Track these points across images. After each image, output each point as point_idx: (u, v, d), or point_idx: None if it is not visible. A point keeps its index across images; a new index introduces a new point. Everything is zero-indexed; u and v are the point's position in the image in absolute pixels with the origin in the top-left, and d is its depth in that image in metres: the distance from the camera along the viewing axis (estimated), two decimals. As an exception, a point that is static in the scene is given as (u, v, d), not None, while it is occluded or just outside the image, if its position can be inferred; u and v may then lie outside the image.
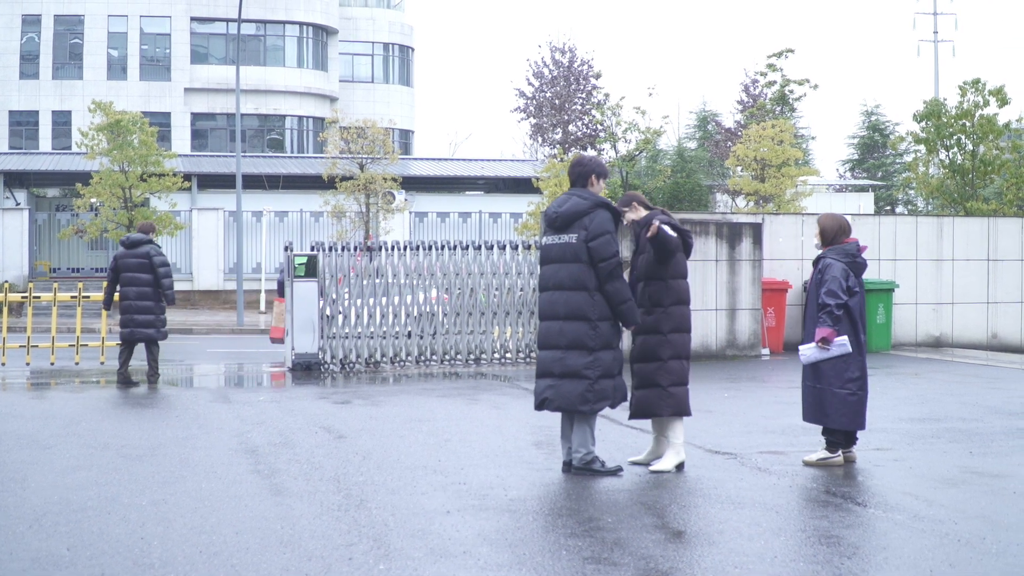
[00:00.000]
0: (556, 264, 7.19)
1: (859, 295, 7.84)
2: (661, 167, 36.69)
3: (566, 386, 7.09)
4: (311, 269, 14.87)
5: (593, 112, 40.58)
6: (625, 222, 7.67)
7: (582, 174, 7.32)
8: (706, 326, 16.27)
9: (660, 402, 7.45)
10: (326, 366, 15.01)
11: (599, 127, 40.43)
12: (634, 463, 7.70)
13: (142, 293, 13.12)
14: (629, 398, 7.55)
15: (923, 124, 25.77)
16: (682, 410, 7.51)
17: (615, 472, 7.29)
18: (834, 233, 7.95)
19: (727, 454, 8.15)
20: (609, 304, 7.07)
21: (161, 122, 46.36)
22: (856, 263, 7.88)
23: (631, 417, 7.65)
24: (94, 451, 8.38)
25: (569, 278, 7.09)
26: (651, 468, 7.47)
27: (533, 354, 15.65)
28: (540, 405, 7.23)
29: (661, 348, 7.43)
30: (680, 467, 7.49)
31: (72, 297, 15.51)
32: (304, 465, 7.76)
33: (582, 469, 7.27)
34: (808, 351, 7.75)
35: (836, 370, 7.74)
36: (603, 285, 7.06)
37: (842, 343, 7.67)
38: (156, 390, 12.79)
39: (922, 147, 26.48)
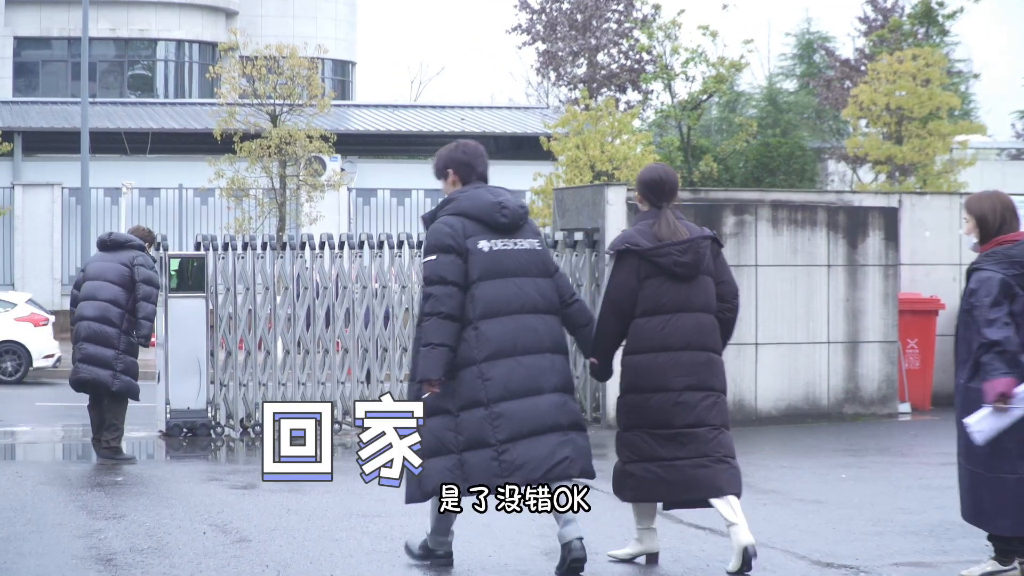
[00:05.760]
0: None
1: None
2: (743, 119, 36.83)
3: (582, 440, 7.88)
4: (195, 278, 14.91)
5: (635, 33, 40.57)
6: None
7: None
8: (812, 369, 16.29)
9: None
10: (219, 429, 15.04)
11: (644, 56, 40.50)
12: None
13: (103, 315, 13.05)
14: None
15: None
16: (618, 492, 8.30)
17: None
18: (998, 223, 7.92)
19: (846, 567, 8.21)
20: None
21: (-35, 49, 46.47)
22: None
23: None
24: None
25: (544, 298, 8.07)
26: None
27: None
28: (556, 473, 7.72)
29: (617, 415, 8.44)
30: (652, 559, 8.34)
31: None
32: (186, 585, 7.79)
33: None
34: (982, 424, 7.60)
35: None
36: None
37: None
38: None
39: None
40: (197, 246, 15.25)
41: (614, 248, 8.23)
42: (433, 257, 7.78)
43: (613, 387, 9.70)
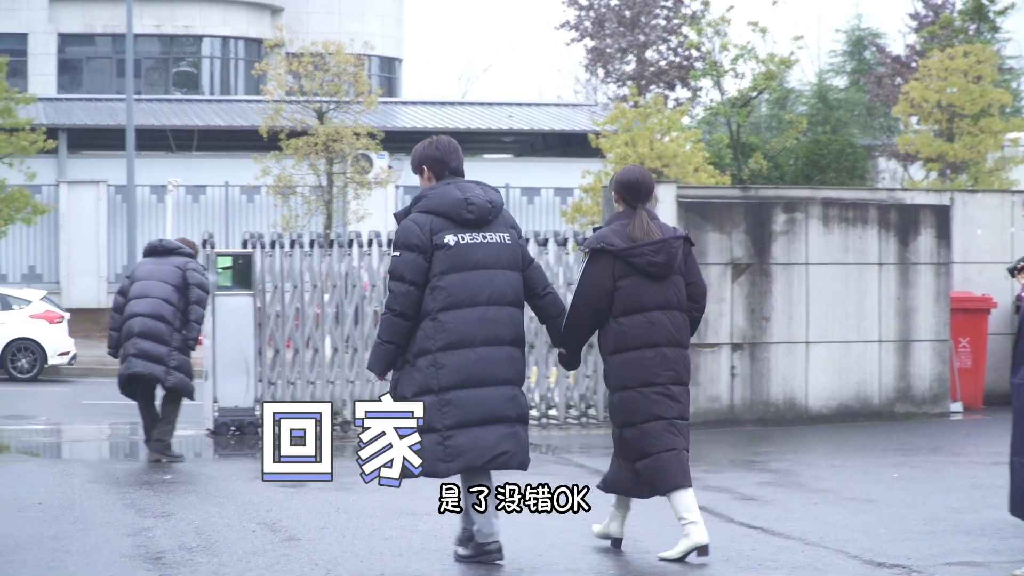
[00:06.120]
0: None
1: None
2: (792, 116, 36.65)
3: (524, 435, 8.20)
4: (243, 276, 14.98)
5: (684, 29, 40.49)
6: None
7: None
8: (864, 367, 16.26)
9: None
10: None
11: (693, 53, 40.40)
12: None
13: (156, 311, 13.16)
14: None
15: None
16: (622, 489, 8.54)
17: None
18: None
19: (898, 567, 8.21)
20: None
21: (13, 47, 46.60)
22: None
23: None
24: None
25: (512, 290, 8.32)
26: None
27: (591, 410, 15.69)
28: (498, 463, 8.05)
29: (611, 413, 8.75)
30: (702, 551, 8.28)
31: None
32: (236, 582, 7.83)
33: None
34: None
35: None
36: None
37: None
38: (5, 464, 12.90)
39: None
40: (244, 244, 15.31)
41: (589, 247, 8.60)
42: (397, 254, 8.12)
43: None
